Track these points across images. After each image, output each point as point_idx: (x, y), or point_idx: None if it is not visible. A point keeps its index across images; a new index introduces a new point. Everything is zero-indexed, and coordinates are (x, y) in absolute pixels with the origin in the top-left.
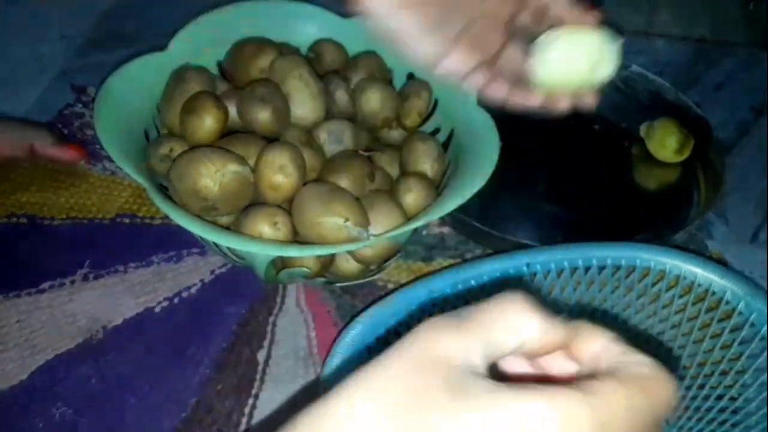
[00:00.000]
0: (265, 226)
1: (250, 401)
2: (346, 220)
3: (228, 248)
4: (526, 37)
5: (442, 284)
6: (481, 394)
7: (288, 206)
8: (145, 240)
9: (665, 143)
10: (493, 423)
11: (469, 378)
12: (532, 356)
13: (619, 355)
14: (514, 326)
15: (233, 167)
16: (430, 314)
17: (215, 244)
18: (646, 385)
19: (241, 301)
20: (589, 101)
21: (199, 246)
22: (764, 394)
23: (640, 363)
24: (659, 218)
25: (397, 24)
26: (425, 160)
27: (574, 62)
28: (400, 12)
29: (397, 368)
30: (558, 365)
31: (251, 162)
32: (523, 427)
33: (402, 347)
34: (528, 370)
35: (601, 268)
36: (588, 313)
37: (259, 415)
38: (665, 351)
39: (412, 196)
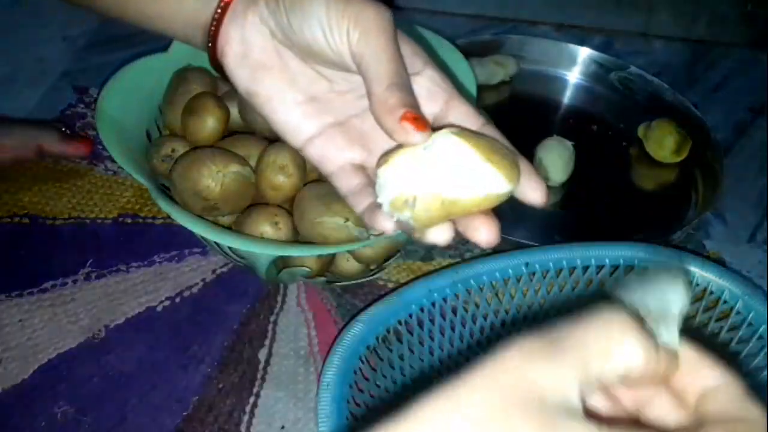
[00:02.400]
0: (266, 225)
1: (251, 400)
2: (347, 220)
3: (229, 248)
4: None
5: (442, 284)
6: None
7: (289, 206)
8: (147, 240)
9: (663, 144)
10: None
11: (565, 421)
12: (630, 388)
13: (733, 402)
14: (616, 352)
15: (234, 167)
16: (430, 313)
17: (216, 243)
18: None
19: (243, 300)
20: (482, 235)
21: (201, 246)
22: (762, 393)
23: (756, 418)
24: (657, 218)
25: (261, 89)
26: None
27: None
28: (266, 76)
29: (481, 392)
30: (659, 408)
31: (252, 162)
32: None
33: (490, 373)
34: (625, 405)
35: (600, 268)
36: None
37: (260, 413)
38: None
39: None
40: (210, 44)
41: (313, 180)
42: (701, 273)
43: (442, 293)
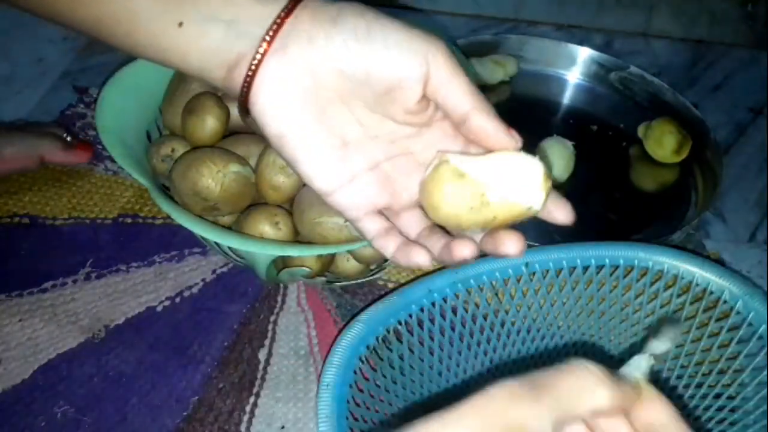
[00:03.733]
0: (266, 225)
1: (251, 399)
2: (347, 219)
3: (229, 248)
4: None
5: (442, 284)
6: None
7: (289, 206)
8: (147, 240)
9: (663, 143)
10: None
11: None
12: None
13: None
14: (585, 396)
15: (234, 167)
16: (430, 314)
17: (216, 243)
18: None
19: (243, 300)
20: (510, 248)
21: (201, 246)
22: (762, 392)
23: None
24: (657, 218)
25: (292, 133)
26: None
27: (465, 197)
28: (299, 119)
29: (471, 429)
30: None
31: (252, 162)
32: None
33: (477, 407)
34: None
35: (600, 268)
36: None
37: (260, 413)
38: None
39: None
40: (245, 85)
41: None
42: (701, 273)
43: (442, 293)
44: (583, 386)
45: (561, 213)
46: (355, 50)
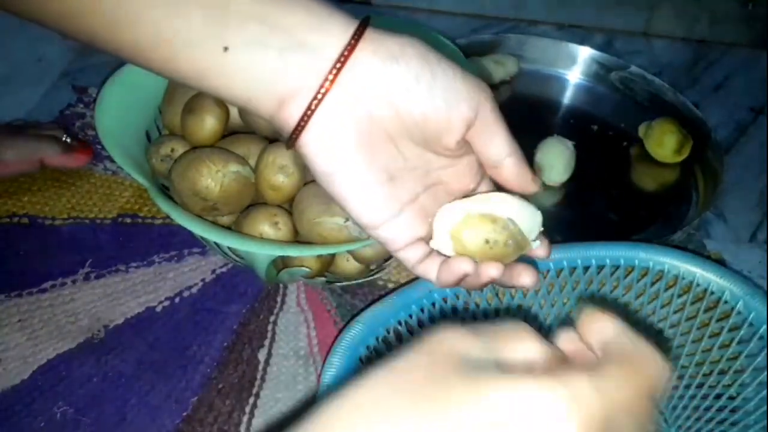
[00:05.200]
0: (266, 225)
1: (251, 400)
2: (347, 220)
3: (229, 248)
4: None
5: None
6: (492, 379)
7: (288, 206)
8: (147, 240)
9: (664, 143)
10: (506, 403)
11: (481, 368)
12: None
13: (622, 338)
14: (521, 347)
15: (234, 167)
16: (430, 314)
17: (216, 244)
18: (643, 367)
19: (242, 300)
20: (526, 279)
21: (200, 246)
22: (763, 392)
23: (641, 349)
24: (658, 218)
25: (343, 170)
26: None
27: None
28: (351, 157)
29: (415, 360)
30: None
31: (252, 162)
32: (535, 407)
33: (419, 344)
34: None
35: (600, 268)
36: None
37: (260, 414)
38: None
39: None
40: (300, 123)
41: (313, 180)
42: (702, 273)
43: (442, 293)
44: (519, 338)
45: (543, 250)
46: (415, 93)
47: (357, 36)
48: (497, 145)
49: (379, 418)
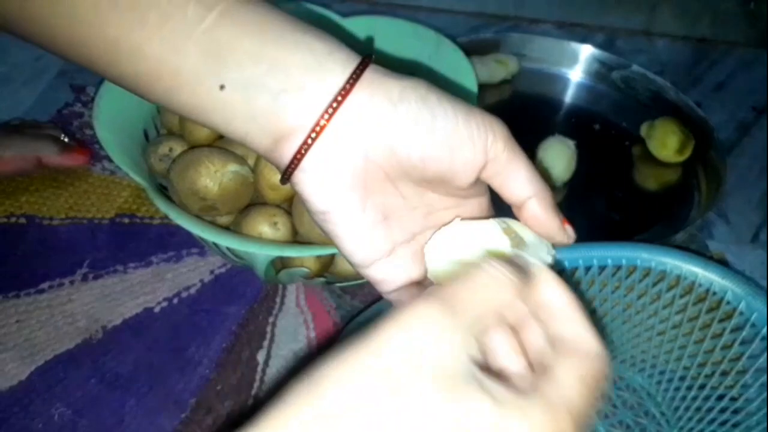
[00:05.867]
0: (265, 226)
1: (250, 402)
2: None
3: (227, 248)
4: None
5: None
6: (465, 399)
7: (288, 206)
8: (145, 240)
9: (666, 143)
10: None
11: (458, 380)
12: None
13: (564, 323)
14: (491, 302)
15: (233, 167)
16: None
17: (215, 244)
18: (591, 371)
19: (241, 301)
20: None
21: (199, 246)
22: (765, 394)
23: (583, 338)
24: (660, 218)
25: (336, 210)
26: None
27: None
28: (345, 197)
29: (385, 359)
30: (533, 334)
31: (251, 162)
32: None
33: (386, 337)
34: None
35: (602, 268)
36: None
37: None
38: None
39: None
40: (293, 162)
41: None
42: (704, 273)
43: None
44: (487, 291)
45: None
46: (413, 138)
47: (354, 78)
48: (516, 186)
49: (331, 399)
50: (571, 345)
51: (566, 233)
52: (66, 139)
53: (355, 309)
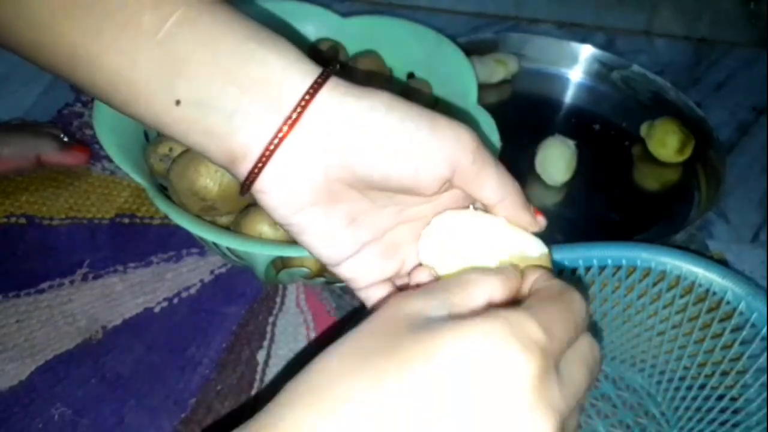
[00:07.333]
0: (265, 226)
1: (251, 401)
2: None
3: (227, 248)
4: None
5: None
6: (439, 331)
7: None
8: (145, 240)
9: (666, 143)
10: (453, 353)
11: (433, 323)
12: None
13: (546, 281)
14: (478, 295)
15: None
16: None
17: (215, 244)
18: (569, 301)
19: (241, 301)
20: None
21: (199, 246)
22: (765, 394)
23: (560, 287)
24: (660, 218)
25: (300, 222)
26: None
27: (460, 248)
28: (307, 210)
29: (370, 329)
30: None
31: None
32: (479, 348)
33: (375, 314)
34: None
35: (602, 268)
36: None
37: None
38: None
39: None
40: (248, 181)
41: None
42: (704, 273)
43: None
44: (472, 283)
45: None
46: (374, 157)
47: (309, 96)
48: (486, 193)
49: (341, 399)
50: (552, 295)
51: (537, 223)
52: (65, 138)
53: (355, 309)
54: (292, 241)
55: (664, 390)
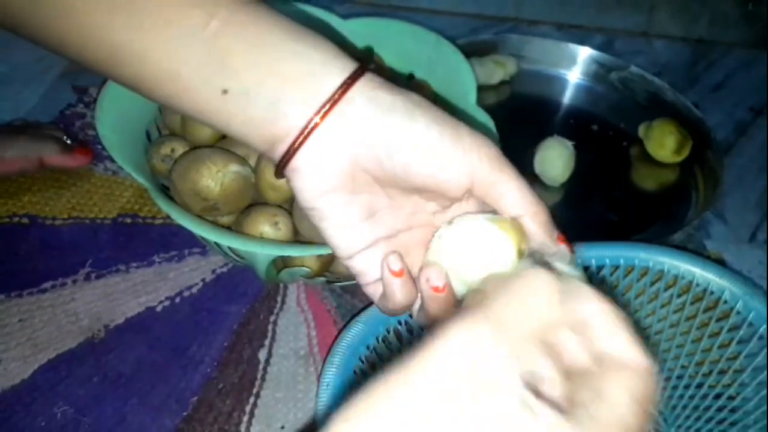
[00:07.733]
0: (266, 225)
1: (251, 400)
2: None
3: (229, 248)
4: None
5: None
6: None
7: (288, 206)
8: (147, 240)
9: (664, 143)
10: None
11: (516, 405)
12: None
13: (606, 338)
14: (537, 317)
15: (234, 167)
16: None
17: (216, 243)
18: (642, 387)
19: (242, 300)
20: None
21: (201, 246)
22: (762, 392)
23: (630, 353)
24: (658, 218)
25: (323, 207)
26: None
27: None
28: (331, 196)
29: (424, 380)
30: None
31: (252, 162)
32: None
33: (431, 353)
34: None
35: (600, 268)
36: None
37: (260, 414)
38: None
39: None
40: (282, 163)
41: None
42: (702, 273)
43: None
44: (534, 307)
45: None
46: (399, 151)
47: (344, 88)
48: (507, 205)
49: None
50: (618, 361)
51: (557, 248)
52: (68, 140)
53: (355, 308)
54: (293, 241)
55: (662, 389)
